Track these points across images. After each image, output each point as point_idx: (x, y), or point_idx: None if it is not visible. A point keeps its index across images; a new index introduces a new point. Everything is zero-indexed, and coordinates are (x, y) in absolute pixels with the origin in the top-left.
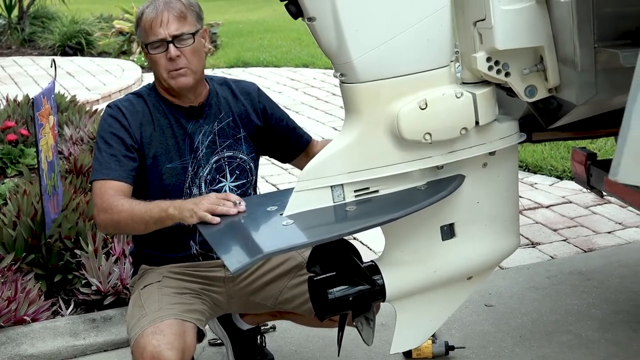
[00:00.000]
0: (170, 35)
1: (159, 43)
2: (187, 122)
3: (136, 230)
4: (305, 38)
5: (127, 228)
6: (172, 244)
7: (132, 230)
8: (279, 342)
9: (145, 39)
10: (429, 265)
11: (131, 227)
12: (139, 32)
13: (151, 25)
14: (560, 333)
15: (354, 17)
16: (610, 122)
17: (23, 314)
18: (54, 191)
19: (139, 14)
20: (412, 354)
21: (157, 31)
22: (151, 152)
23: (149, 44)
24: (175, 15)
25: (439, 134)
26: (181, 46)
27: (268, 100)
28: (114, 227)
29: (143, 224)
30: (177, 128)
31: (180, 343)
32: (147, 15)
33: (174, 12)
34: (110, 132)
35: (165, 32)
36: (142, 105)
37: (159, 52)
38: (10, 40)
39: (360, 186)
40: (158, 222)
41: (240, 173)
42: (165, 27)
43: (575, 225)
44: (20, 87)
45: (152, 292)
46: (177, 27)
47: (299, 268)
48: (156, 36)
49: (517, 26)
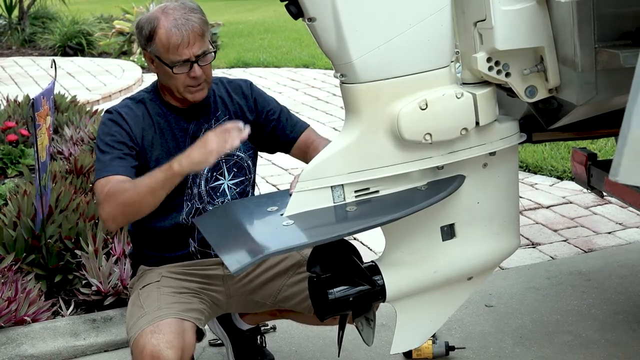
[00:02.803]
0: (194, 56)
1: (182, 63)
2: (187, 123)
3: (146, 203)
4: (306, 38)
5: (135, 206)
6: (170, 242)
7: (141, 206)
8: (279, 343)
9: (166, 57)
10: (429, 265)
11: (139, 203)
12: (154, 46)
13: (177, 47)
14: (561, 333)
15: (354, 18)
16: (610, 123)
17: (23, 314)
18: (44, 191)
19: (153, 26)
20: (413, 355)
21: (182, 52)
22: (154, 155)
23: (174, 65)
24: (198, 34)
25: (439, 135)
26: (203, 64)
27: (260, 93)
28: (122, 212)
29: (150, 193)
30: (177, 130)
31: (180, 342)
32: (170, 34)
33: (196, 31)
34: (111, 135)
35: (190, 52)
36: (141, 110)
37: (184, 71)
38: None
39: (361, 186)
40: (166, 184)
41: (238, 170)
42: (190, 48)
43: (576, 225)
44: (21, 87)
45: (150, 292)
46: (200, 46)
47: (298, 266)
48: (181, 57)
49: (518, 27)
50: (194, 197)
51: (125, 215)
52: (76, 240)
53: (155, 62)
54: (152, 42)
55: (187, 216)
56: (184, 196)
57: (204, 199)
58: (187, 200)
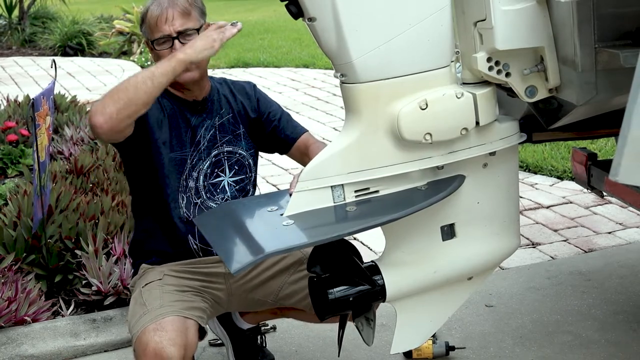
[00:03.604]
0: (175, 32)
1: (164, 39)
2: (190, 115)
3: (142, 90)
4: (306, 38)
5: (130, 91)
6: (171, 239)
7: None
8: (280, 342)
9: (151, 36)
10: (429, 265)
11: (134, 88)
12: (144, 28)
13: (156, 22)
14: (561, 333)
15: (355, 18)
16: (610, 123)
17: (23, 314)
18: (43, 191)
19: (144, 11)
20: (413, 354)
21: (163, 27)
22: (160, 138)
23: (155, 41)
24: (179, 12)
25: (439, 135)
26: (186, 42)
27: (263, 96)
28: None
29: (149, 77)
30: (181, 119)
31: (183, 339)
32: (152, 12)
33: (178, 8)
34: None
35: (170, 28)
36: None
37: (165, 48)
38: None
39: (361, 186)
40: (166, 70)
41: (239, 168)
42: (170, 23)
43: (576, 225)
44: (21, 87)
45: (153, 290)
46: (182, 23)
47: (299, 263)
48: (161, 32)
49: (518, 26)
50: (189, 190)
51: (116, 102)
52: (76, 240)
53: (149, 47)
54: (143, 25)
55: (187, 210)
56: (179, 187)
57: (202, 194)
58: (182, 193)
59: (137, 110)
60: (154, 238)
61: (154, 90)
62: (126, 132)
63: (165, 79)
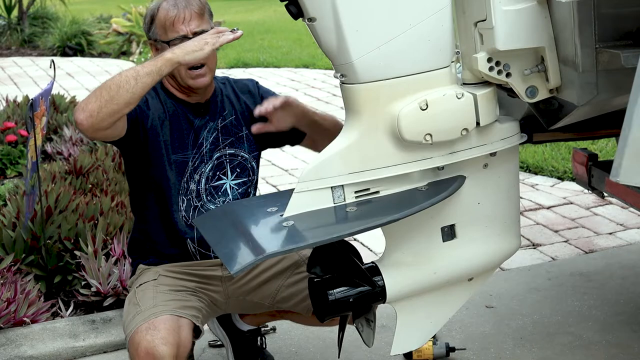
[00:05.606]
0: (191, 32)
1: (180, 40)
2: (194, 117)
3: (124, 90)
4: (306, 39)
5: (113, 90)
6: (169, 241)
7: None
8: (280, 344)
9: (164, 36)
10: (429, 266)
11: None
12: (154, 29)
13: (173, 23)
14: (561, 334)
15: (355, 18)
16: (611, 123)
17: (22, 315)
18: (32, 191)
19: (154, 10)
20: (413, 356)
21: (179, 28)
22: (163, 138)
23: (170, 41)
24: (196, 13)
25: (439, 135)
26: None
27: (266, 91)
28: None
29: (133, 76)
30: (184, 121)
31: (175, 338)
32: (168, 13)
33: (194, 9)
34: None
35: (187, 28)
36: (155, 92)
37: None
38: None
39: (361, 187)
40: (152, 70)
41: (241, 171)
42: (187, 24)
43: (576, 226)
44: (20, 87)
45: (147, 290)
46: (198, 24)
47: (296, 266)
48: (177, 33)
49: (518, 27)
50: (190, 192)
51: (98, 100)
52: (75, 241)
53: (157, 47)
54: (152, 25)
55: (187, 214)
56: (179, 190)
57: (203, 197)
58: (183, 195)
59: (118, 109)
60: (152, 239)
61: (137, 90)
62: (112, 130)
63: (150, 79)
